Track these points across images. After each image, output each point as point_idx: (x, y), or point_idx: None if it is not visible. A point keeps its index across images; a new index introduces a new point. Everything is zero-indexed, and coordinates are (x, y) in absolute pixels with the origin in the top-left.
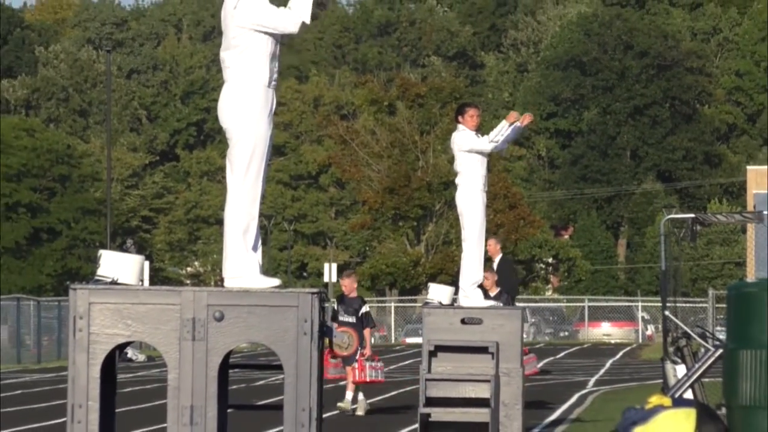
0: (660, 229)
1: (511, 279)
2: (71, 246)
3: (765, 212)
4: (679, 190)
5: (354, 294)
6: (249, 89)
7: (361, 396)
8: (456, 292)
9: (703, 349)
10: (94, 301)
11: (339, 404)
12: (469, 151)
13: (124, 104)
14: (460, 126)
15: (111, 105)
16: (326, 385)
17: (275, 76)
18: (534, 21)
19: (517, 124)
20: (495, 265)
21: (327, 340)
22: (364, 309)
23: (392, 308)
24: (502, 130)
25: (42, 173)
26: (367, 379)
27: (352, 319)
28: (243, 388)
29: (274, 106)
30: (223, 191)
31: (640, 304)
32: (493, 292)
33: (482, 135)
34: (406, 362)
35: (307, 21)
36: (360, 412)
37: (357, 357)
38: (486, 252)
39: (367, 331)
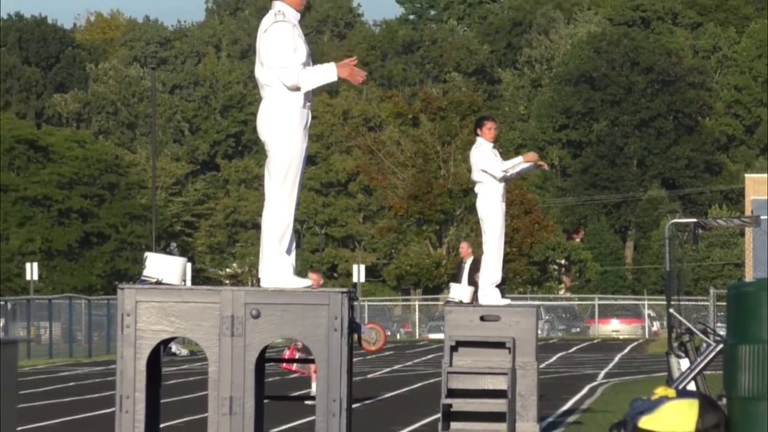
0: (665, 233)
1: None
2: (119, 249)
3: (762, 217)
4: (682, 197)
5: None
6: (286, 107)
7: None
8: (475, 292)
9: (704, 344)
10: (140, 300)
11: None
12: (483, 171)
13: (168, 117)
14: (479, 139)
15: (156, 118)
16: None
17: (310, 95)
18: (547, 39)
19: (531, 165)
20: (467, 266)
21: (356, 336)
22: None
23: (416, 306)
24: (517, 166)
25: (92, 181)
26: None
27: None
28: (278, 381)
29: (309, 121)
30: (260, 198)
31: (646, 302)
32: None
33: (498, 152)
34: (429, 356)
35: (303, 90)
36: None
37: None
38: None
39: None
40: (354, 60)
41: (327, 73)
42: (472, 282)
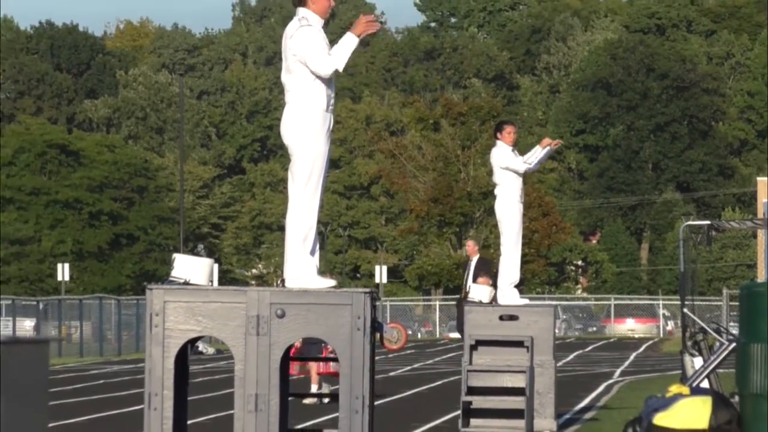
0: (679, 235)
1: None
2: (148, 250)
3: None
4: (696, 200)
5: None
6: (309, 111)
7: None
8: (495, 292)
9: (717, 343)
10: (168, 300)
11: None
12: (506, 169)
13: (196, 122)
14: (498, 142)
15: (184, 123)
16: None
17: (332, 99)
18: (564, 46)
19: (549, 148)
20: (473, 264)
21: (378, 335)
22: None
23: (437, 306)
24: (536, 153)
25: (122, 185)
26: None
27: None
28: (303, 379)
29: (331, 126)
30: (285, 201)
31: (661, 302)
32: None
33: (518, 153)
34: (450, 355)
35: (340, 68)
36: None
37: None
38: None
39: None
40: (363, 16)
41: (348, 42)
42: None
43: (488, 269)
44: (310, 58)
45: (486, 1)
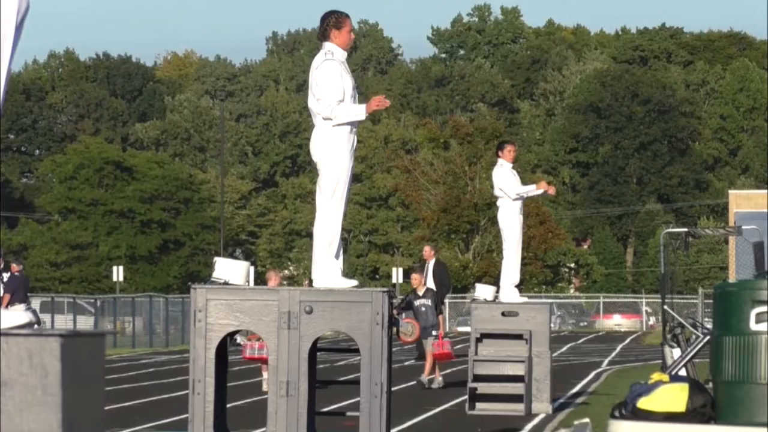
0: (660, 241)
1: (444, 278)
2: (192, 254)
3: (743, 227)
4: (675, 210)
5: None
6: (335, 132)
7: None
8: (497, 291)
9: (694, 336)
10: (210, 298)
11: (432, 378)
12: (500, 189)
13: (234, 142)
14: (500, 160)
15: (224, 143)
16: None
17: (355, 123)
18: (560, 75)
19: (543, 191)
20: (430, 266)
21: (395, 329)
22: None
23: (446, 303)
24: (531, 192)
25: (169, 196)
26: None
27: (429, 302)
28: (328, 367)
29: (354, 145)
30: (313, 210)
31: (644, 300)
32: (421, 291)
33: (516, 172)
34: (458, 347)
35: (334, 123)
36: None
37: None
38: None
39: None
40: (379, 97)
41: (357, 112)
42: (437, 280)
43: (443, 271)
44: (321, 96)
45: (490, 35)
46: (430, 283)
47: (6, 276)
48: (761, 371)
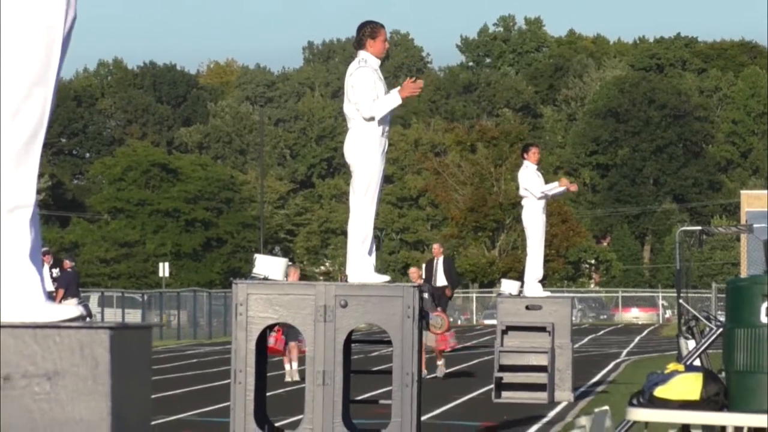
0: (675, 238)
1: (452, 273)
2: (234, 251)
3: (755, 225)
4: (689, 209)
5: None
6: (368, 136)
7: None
8: (522, 286)
9: (708, 329)
10: (250, 293)
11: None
12: (525, 189)
13: (273, 145)
14: (525, 162)
15: (263, 146)
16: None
17: (387, 126)
18: (581, 82)
19: (565, 188)
20: (439, 262)
21: (425, 322)
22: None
23: (474, 297)
24: (554, 189)
25: (212, 197)
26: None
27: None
28: (362, 358)
29: (386, 148)
30: (347, 210)
31: (660, 294)
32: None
33: (541, 173)
34: (484, 338)
35: (377, 118)
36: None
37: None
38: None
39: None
40: (411, 79)
41: (392, 99)
42: (447, 276)
43: (451, 266)
44: (358, 99)
45: (515, 44)
46: (441, 279)
47: (56, 272)
48: None
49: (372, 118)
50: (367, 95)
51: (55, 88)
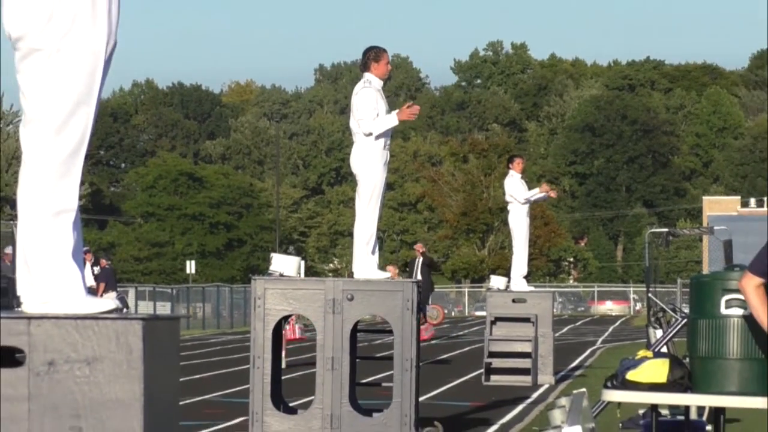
0: (645, 239)
1: (432, 264)
2: (253, 251)
3: (715, 227)
4: (657, 213)
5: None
6: (371, 149)
7: None
8: (508, 281)
9: (673, 319)
10: (267, 287)
11: None
12: (510, 195)
13: (288, 156)
14: (511, 171)
15: (279, 157)
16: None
17: (388, 140)
18: (561, 100)
19: (546, 193)
20: (419, 261)
21: (422, 313)
22: None
23: (466, 291)
24: (536, 195)
25: (233, 202)
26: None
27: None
28: (366, 345)
29: (388, 159)
30: (354, 214)
31: (631, 288)
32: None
33: (525, 181)
34: (475, 328)
35: (375, 134)
36: None
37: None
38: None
39: None
40: (407, 104)
41: (390, 119)
42: (424, 273)
43: (431, 263)
44: (358, 116)
45: (503, 67)
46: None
47: (97, 269)
48: (730, 348)
49: (370, 134)
50: (369, 114)
51: (96, 107)
